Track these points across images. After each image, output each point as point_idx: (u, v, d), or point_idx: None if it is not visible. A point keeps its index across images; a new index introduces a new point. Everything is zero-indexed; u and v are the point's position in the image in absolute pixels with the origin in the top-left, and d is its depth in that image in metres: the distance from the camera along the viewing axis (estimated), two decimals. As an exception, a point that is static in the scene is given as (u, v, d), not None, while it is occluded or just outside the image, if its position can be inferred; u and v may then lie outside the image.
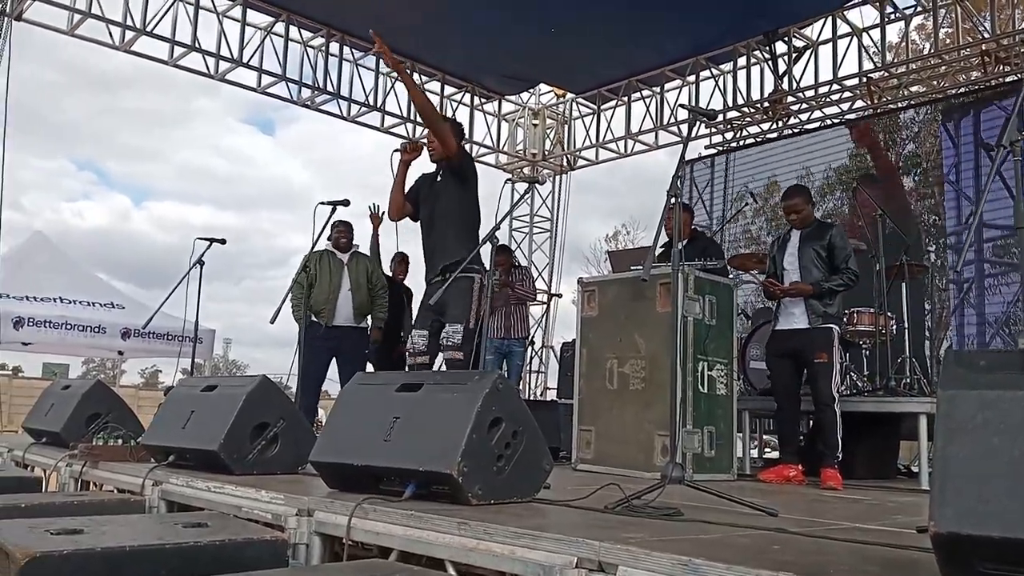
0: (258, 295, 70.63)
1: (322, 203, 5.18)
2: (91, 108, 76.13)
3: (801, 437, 5.30)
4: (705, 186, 9.76)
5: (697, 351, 4.54)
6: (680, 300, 4.34)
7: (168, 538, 2.24)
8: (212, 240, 5.76)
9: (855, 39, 8.82)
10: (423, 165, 4.82)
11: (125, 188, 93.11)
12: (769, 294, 4.99)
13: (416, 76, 10.32)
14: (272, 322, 4.77)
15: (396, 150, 4.68)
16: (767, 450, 7.71)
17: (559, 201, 11.92)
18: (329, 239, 6.23)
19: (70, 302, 9.58)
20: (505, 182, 10.07)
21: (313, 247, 5.40)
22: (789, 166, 8.99)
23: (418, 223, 4.81)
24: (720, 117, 9.80)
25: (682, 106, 9.98)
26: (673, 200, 3.25)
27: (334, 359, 6.09)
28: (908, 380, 5.52)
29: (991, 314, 7.16)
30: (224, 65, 9.03)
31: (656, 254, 3.84)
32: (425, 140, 4.74)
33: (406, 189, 4.75)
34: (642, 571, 1.78)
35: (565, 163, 11.80)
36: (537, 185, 11.63)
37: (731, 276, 5.79)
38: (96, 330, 9.56)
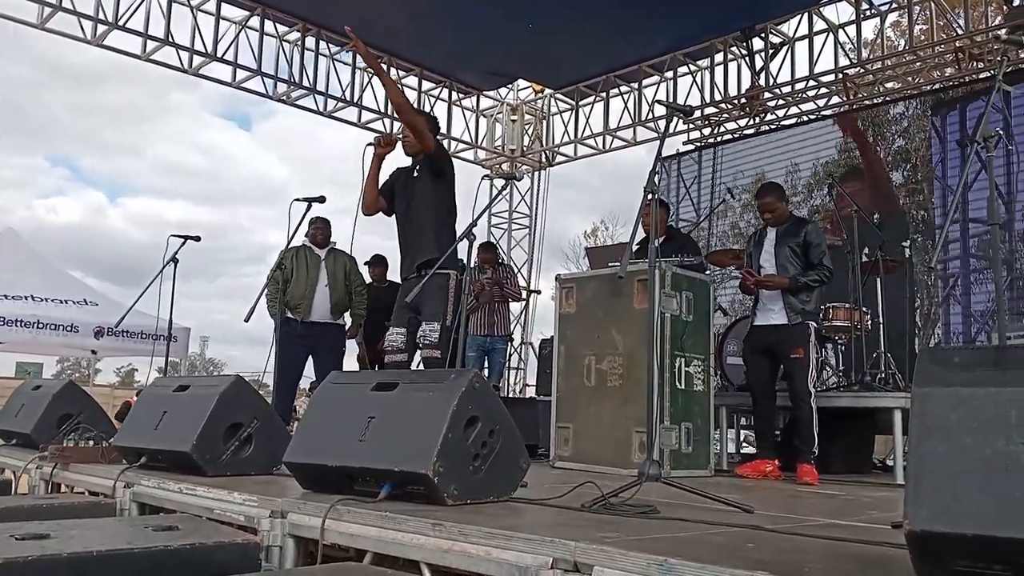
0: (235, 292, 70.11)
1: (297, 199, 5.13)
2: (64, 104, 75.19)
3: (777, 432, 5.32)
4: (692, 181, 9.75)
5: (674, 347, 4.54)
6: (657, 297, 4.34)
7: (137, 542, 2.20)
8: (187, 237, 5.69)
9: (831, 35, 8.88)
10: (397, 159, 4.78)
11: (100, 184, 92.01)
12: (745, 288, 5.00)
13: (393, 71, 10.27)
14: (247, 320, 4.71)
15: (369, 144, 4.63)
16: (744, 446, 7.75)
17: (537, 197, 11.91)
18: (306, 235, 6.20)
19: (42, 300, 9.45)
20: (482, 178, 10.01)
21: (289, 244, 5.34)
22: (776, 161, 9.00)
23: (392, 218, 4.77)
24: (697, 113, 9.83)
25: (659, 102, 9.99)
26: (651, 196, 3.23)
27: (311, 357, 6.05)
28: (883, 375, 5.56)
29: (976, 309, 7.20)
30: (198, 59, 8.93)
31: (633, 251, 3.82)
32: (400, 134, 4.70)
33: (380, 183, 4.70)
34: (617, 571, 1.76)
35: (543, 159, 11.79)
36: (515, 181, 11.60)
37: (708, 273, 5.79)
38: (69, 329, 9.43)
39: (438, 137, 4.79)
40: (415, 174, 4.62)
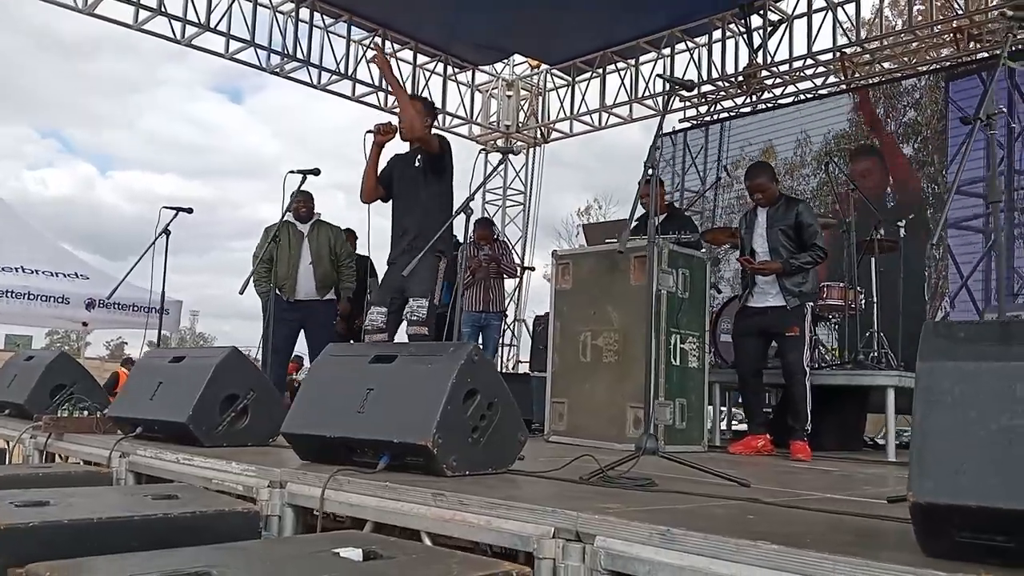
0: (226, 266, 69.88)
1: (292, 172, 5.09)
2: (55, 74, 74.33)
3: (768, 410, 5.35)
4: (699, 152, 9.66)
5: (670, 324, 4.55)
6: (654, 273, 4.33)
7: (137, 510, 2.19)
8: (179, 209, 5.64)
9: (830, 13, 8.82)
10: (396, 146, 4.72)
11: (90, 156, 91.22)
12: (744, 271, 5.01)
13: (388, 44, 10.17)
14: (241, 292, 4.69)
15: (369, 131, 4.55)
16: (735, 422, 7.79)
17: (532, 174, 11.86)
18: (289, 209, 6.10)
19: (32, 272, 9.36)
20: (479, 152, 9.95)
21: (283, 217, 5.30)
22: (786, 132, 8.90)
23: (389, 203, 4.71)
24: (696, 90, 9.77)
25: (660, 76, 9.91)
26: (651, 170, 3.21)
27: (302, 332, 6.02)
28: (876, 354, 5.58)
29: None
30: (191, 30, 8.82)
31: (631, 227, 3.80)
32: (398, 123, 4.61)
33: (379, 170, 4.65)
34: (620, 541, 1.77)
35: (539, 135, 11.73)
36: (511, 156, 11.52)
37: (705, 250, 5.78)
38: (60, 300, 9.36)
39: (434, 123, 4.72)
40: (416, 163, 4.56)
